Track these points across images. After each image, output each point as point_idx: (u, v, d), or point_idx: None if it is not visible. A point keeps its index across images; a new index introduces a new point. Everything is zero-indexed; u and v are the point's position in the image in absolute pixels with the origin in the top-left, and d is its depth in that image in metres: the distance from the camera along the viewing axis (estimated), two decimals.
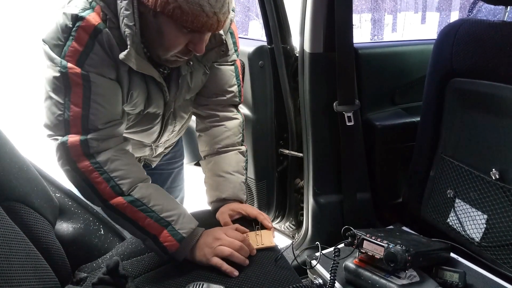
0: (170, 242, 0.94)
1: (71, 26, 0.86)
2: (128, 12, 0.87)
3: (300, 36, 1.51)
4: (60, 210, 1.10)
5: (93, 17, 0.87)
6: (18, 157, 1.00)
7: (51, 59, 0.88)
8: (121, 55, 0.88)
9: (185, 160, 2.10)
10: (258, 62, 1.66)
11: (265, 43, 1.67)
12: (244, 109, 1.74)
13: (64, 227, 1.10)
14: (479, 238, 1.23)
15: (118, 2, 0.87)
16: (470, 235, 1.26)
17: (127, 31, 0.87)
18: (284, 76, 1.64)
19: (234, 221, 1.09)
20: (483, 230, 1.22)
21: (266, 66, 1.67)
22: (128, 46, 0.88)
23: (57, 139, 0.93)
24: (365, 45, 1.69)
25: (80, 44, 0.87)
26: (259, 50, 1.65)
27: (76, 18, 0.86)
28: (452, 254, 1.25)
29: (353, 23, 1.44)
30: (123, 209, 0.94)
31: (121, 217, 0.95)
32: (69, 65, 0.87)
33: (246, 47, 1.67)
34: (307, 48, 1.48)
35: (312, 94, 1.52)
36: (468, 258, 1.23)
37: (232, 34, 1.13)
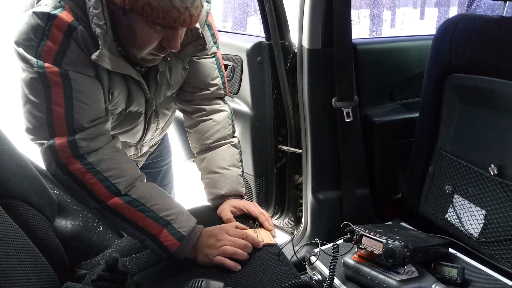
0: (170, 241, 0.93)
1: (43, 25, 0.83)
2: (97, 10, 0.84)
3: (298, 32, 1.50)
4: (58, 207, 1.09)
5: (66, 15, 0.85)
6: (16, 154, 0.99)
7: (26, 61, 0.85)
8: (93, 56, 0.85)
9: (184, 157, 2.11)
10: (256, 58, 1.65)
11: (264, 39, 1.67)
12: (242, 105, 1.74)
13: (63, 224, 1.10)
14: (478, 233, 1.23)
15: (87, 0, 0.84)
16: (468, 230, 1.26)
17: (98, 30, 0.84)
18: (283, 72, 1.64)
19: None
20: (481, 225, 1.22)
21: (264, 62, 1.67)
22: (100, 46, 0.85)
23: (42, 144, 0.90)
24: (364, 41, 1.69)
25: (55, 42, 0.84)
26: (257, 46, 1.65)
27: (48, 17, 0.83)
28: (450, 250, 1.25)
29: (352, 19, 1.43)
30: (121, 209, 0.92)
31: (119, 218, 0.93)
32: (46, 64, 0.85)
33: (244, 43, 1.67)
34: (305, 44, 1.48)
35: (310, 90, 1.52)
36: (467, 254, 1.24)
37: (209, 26, 1.11)
